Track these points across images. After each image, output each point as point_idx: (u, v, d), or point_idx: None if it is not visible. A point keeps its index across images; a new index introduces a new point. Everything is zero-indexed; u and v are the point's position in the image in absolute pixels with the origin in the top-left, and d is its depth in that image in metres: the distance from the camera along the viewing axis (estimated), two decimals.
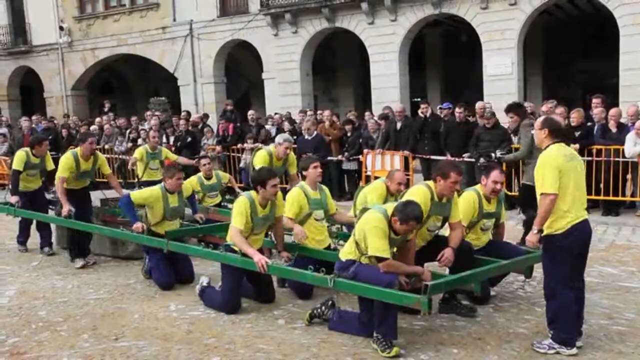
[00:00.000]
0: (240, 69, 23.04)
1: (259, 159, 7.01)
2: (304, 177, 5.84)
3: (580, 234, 4.11)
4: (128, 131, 14.19)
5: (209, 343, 4.65)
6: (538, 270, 6.27)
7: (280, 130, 12.27)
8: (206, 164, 8.14)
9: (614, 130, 9.32)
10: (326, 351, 4.42)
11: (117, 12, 22.54)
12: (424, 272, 4.51)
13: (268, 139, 11.63)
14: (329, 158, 11.21)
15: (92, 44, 23.06)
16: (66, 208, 6.84)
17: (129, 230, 6.35)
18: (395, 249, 4.60)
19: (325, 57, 21.04)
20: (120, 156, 13.56)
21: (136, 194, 6.22)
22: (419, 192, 4.84)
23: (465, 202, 5.10)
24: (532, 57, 19.28)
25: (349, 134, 11.58)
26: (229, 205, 7.56)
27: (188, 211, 6.79)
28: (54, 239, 7.91)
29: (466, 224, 5.10)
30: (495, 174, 5.11)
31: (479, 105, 11.28)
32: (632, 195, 9.26)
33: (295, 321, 5.03)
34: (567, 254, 4.05)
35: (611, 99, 13.98)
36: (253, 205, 5.22)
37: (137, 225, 6.04)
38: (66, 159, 7.08)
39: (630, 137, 8.85)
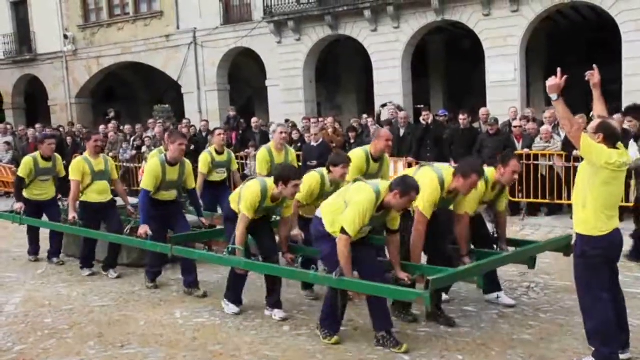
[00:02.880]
0: (244, 76, 23.12)
1: (260, 158, 7.04)
2: (329, 171, 5.58)
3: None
4: (132, 139, 14.25)
5: (214, 350, 4.67)
6: (541, 276, 6.34)
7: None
8: (221, 134, 7.89)
9: None
10: (331, 357, 4.43)
11: (121, 21, 22.67)
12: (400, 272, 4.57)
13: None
14: None
15: (96, 52, 23.20)
16: (72, 215, 6.83)
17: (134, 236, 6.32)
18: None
19: (328, 65, 21.10)
20: (125, 164, 13.62)
21: (146, 181, 6.02)
22: (429, 178, 4.79)
23: (473, 193, 4.96)
24: (535, 63, 19.29)
25: (352, 141, 11.60)
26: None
27: (192, 218, 6.79)
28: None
29: (472, 213, 5.04)
30: (515, 163, 5.01)
31: (482, 111, 11.34)
32: (637, 201, 9.24)
33: (300, 328, 5.05)
34: (604, 260, 3.96)
35: (615, 105, 14.00)
36: (265, 195, 5.12)
37: (142, 231, 5.96)
38: (76, 161, 6.95)
39: (632, 143, 8.83)
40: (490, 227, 5.49)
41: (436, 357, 4.33)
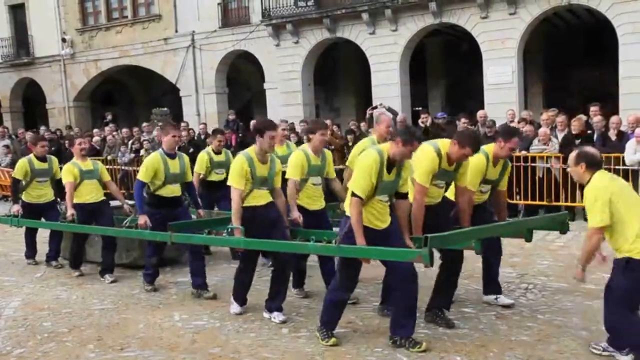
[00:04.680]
0: (242, 79, 23.16)
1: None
2: (309, 140, 5.68)
3: None
4: (131, 142, 14.26)
5: (213, 352, 4.68)
6: (539, 277, 6.36)
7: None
8: (221, 140, 7.91)
9: (614, 138, 9.38)
10: (330, 359, 4.44)
11: (119, 24, 22.71)
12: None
13: None
14: None
15: (94, 56, 23.21)
16: (70, 212, 6.84)
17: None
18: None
19: (326, 67, 21.14)
20: (124, 167, 13.63)
21: (143, 172, 6.03)
22: (425, 150, 4.78)
23: (474, 167, 4.98)
24: (533, 66, 19.35)
25: (350, 144, 11.63)
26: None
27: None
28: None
29: (474, 189, 5.05)
30: (516, 141, 5.14)
31: (480, 114, 11.39)
32: None
33: (299, 330, 5.06)
34: None
35: (612, 107, 14.06)
36: (250, 160, 5.12)
37: (142, 221, 5.99)
38: (65, 166, 7.09)
39: (630, 144, 8.90)
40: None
41: (435, 359, 4.35)
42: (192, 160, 12.34)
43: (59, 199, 7.84)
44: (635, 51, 14.54)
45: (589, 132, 9.80)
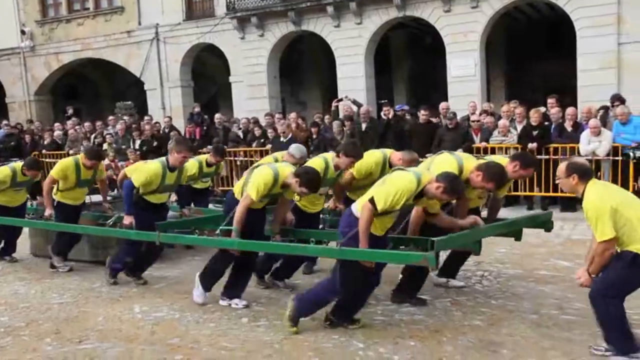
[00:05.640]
0: (208, 72, 22.96)
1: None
2: (338, 156, 5.50)
3: None
4: (93, 136, 14.06)
5: (172, 343, 4.70)
6: (495, 265, 6.54)
7: (247, 133, 12.36)
8: (219, 161, 7.72)
9: (569, 129, 9.65)
10: (288, 347, 4.51)
11: (81, 16, 22.24)
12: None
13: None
14: None
15: (55, 48, 22.69)
16: (49, 211, 6.72)
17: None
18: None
19: (292, 60, 21.12)
20: None
21: (137, 177, 5.94)
22: (448, 163, 4.85)
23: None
24: (495, 59, 19.67)
25: (314, 136, 11.69)
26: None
27: (171, 213, 6.74)
28: (28, 248, 7.83)
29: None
30: (531, 172, 5.31)
31: (442, 105, 11.56)
32: None
33: (258, 319, 5.11)
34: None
35: (572, 100, 14.42)
36: (277, 180, 5.05)
37: (127, 222, 5.91)
38: (66, 164, 6.76)
39: (584, 135, 9.17)
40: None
41: (390, 344, 4.45)
42: (157, 153, 12.30)
43: (29, 197, 7.70)
44: (592, 44, 14.91)
45: (546, 123, 10.06)
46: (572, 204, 9.45)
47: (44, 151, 13.98)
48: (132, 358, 4.44)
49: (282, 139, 11.13)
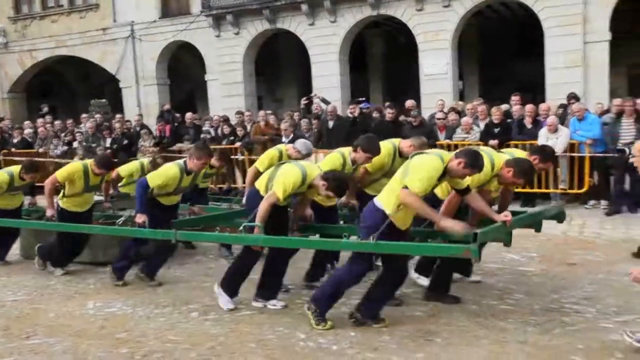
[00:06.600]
0: (184, 70, 22.96)
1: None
2: (355, 151, 5.44)
3: None
4: (63, 134, 14.03)
5: (120, 337, 4.77)
6: None
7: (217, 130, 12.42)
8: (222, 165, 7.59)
9: (529, 126, 9.85)
10: (233, 339, 4.61)
11: (55, 13, 22.13)
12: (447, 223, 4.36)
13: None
14: None
15: (29, 45, 22.55)
16: (50, 212, 6.55)
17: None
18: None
19: (268, 58, 21.19)
20: (56, 159, 13.39)
21: (154, 179, 5.83)
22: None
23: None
24: (469, 58, 19.92)
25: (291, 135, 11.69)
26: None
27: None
28: (18, 250, 7.70)
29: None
30: (549, 166, 5.32)
31: (407, 104, 11.73)
32: (546, 188, 9.80)
33: (208, 313, 5.20)
34: None
35: (542, 98, 14.67)
36: (304, 180, 4.98)
37: (140, 220, 5.73)
38: (74, 169, 6.54)
39: (542, 132, 9.37)
40: None
41: (331, 335, 4.54)
42: (127, 151, 12.33)
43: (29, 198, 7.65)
44: (559, 43, 15.20)
45: (508, 120, 10.26)
46: (532, 199, 9.66)
47: (13, 149, 13.91)
48: (77, 352, 4.51)
49: (283, 138, 10.96)
